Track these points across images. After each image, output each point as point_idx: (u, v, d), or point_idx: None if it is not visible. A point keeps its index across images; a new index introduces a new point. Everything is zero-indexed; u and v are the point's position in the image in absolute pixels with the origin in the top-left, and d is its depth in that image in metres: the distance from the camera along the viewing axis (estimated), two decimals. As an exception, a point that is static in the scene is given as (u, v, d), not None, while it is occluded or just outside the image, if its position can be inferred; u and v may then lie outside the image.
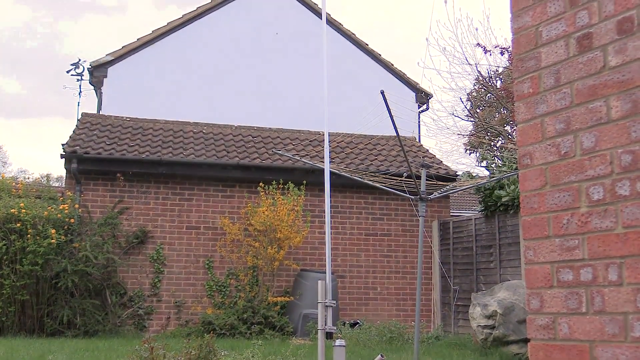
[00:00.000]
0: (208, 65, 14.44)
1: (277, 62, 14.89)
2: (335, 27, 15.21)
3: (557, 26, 2.25)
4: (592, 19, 2.14)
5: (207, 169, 11.53)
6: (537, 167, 2.26)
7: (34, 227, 9.88)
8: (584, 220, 2.08)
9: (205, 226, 11.50)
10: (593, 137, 2.08)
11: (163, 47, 14.32)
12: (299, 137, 13.38)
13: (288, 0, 15.40)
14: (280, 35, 15.10)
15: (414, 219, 11.99)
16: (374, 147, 13.31)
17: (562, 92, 2.20)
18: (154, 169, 11.33)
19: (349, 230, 12.09)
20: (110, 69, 13.88)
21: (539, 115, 2.27)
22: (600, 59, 2.10)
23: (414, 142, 14.08)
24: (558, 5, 2.26)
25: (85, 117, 12.85)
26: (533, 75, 2.32)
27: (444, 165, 12.93)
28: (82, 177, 11.14)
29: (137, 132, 12.35)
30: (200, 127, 13.11)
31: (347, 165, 11.88)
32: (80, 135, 11.72)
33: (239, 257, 11.23)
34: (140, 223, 11.23)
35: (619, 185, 1.98)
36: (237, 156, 11.80)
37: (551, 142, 2.22)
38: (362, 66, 15.43)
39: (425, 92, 15.73)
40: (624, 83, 2.01)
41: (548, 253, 2.18)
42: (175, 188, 11.51)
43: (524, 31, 2.38)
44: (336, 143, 12.72)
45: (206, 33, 14.67)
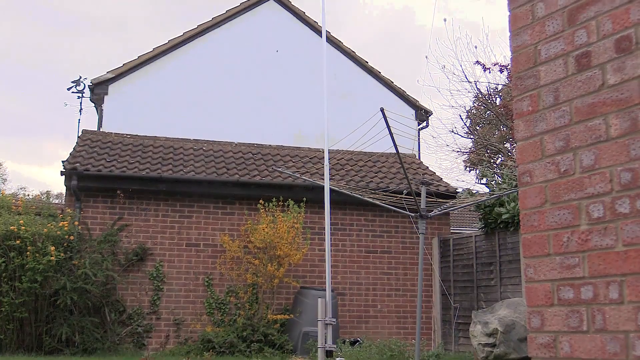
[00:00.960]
0: (208, 82, 14.49)
1: (277, 79, 14.94)
2: (335, 44, 15.28)
3: (555, 45, 2.27)
4: (591, 38, 2.15)
5: (207, 186, 11.53)
6: (537, 184, 2.26)
7: (34, 244, 9.86)
8: (584, 238, 2.07)
9: (205, 243, 11.48)
10: (592, 155, 2.09)
11: (164, 64, 14.38)
12: (299, 154, 13.40)
13: (288, 19, 15.48)
14: (281, 52, 15.17)
15: (414, 236, 11.98)
16: (374, 164, 13.32)
17: (562, 110, 2.21)
18: (154, 186, 11.33)
19: (349, 247, 12.07)
20: (111, 87, 13.92)
21: (539, 133, 2.28)
22: (599, 77, 2.10)
23: (413, 159, 14.10)
24: (556, 24, 2.28)
25: (86, 134, 12.87)
26: (532, 94, 2.32)
27: (443, 183, 12.93)
28: (82, 194, 11.14)
29: (137, 149, 12.37)
30: (200, 144, 13.13)
31: (347, 183, 11.88)
32: (81, 153, 11.74)
33: (238, 275, 11.20)
34: (140, 240, 11.22)
35: (619, 203, 1.98)
36: (237, 173, 11.80)
37: (551, 160, 2.22)
38: (362, 83, 15.49)
39: (425, 109, 15.78)
40: (622, 101, 2.02)
41: (548, 271, 2.17)
42: (175, 205, 11.51)
43: (522, 50, 2.39)
44: (336, 160, 12.74)
45: (207, 51, 14.73)
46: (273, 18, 15.40)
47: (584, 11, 2.19)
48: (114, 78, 13.90)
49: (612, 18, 2.09)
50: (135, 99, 13.99)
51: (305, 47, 15.14)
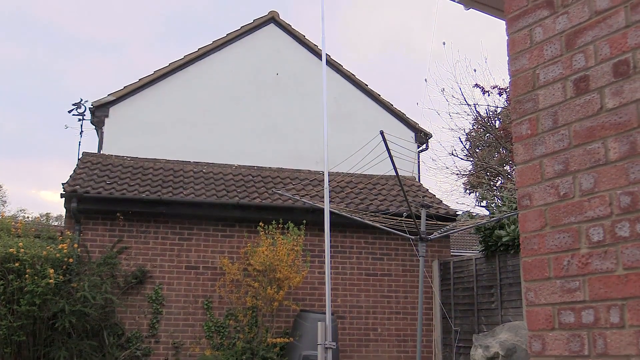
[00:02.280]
0: (209, 105, 14.55)
1: (277, 102, 15.00)
2: (335, 68, 15.37)
3: (554, 69, 2.28)
4: (589, 62, 2.17)
5: (206, 208, 11.53)
6: (537, 208, 2.26)
7: (33, 266, 9.82)
8: (584, 261, 2.07)
9: (204, 266, 11.45)
10: (592, 178, 2.09)
11: (164, 87, 14.45)
12: (299, 176, 13.41)
13: (288, 42, 15.58)
14: (281, 75, 15.25)
15: (415, 258, 11.94)
16: (373, 186, 13.33)
17: (560, 134, 2.22)
18: (153, 208, 11.32)
19: (349, 270, 12.03)
20: (112, 109, 13.97)
21: (538, 157, 2.28)
22: (597, 101, 2.12)
23: (413, 181, 14.11)
24: (554, 49, 2.30)
25: (86, 156, 12.90)
26: (531, 117, 2.34)
27: (443, 205, 12.92)
28: (82, 216, 11.13)
29: (138, 171, 12.39)
30: (200, 166, 13.15)
31: (347, 205, 11.88)
32: (81, 175, 11.75)
33: (238, 298, 11.14)
34: (139, 263, 11.18)
35: (619, 226, 1.98)
36: (237, 196, 11.80)
37: (550, 183, 2.23)
38: (362, 106, 15.54)
39: (425, 132, 15.82)
40: (621, 125, 2.03)
41: (549, 295, 2.17)
42: (175, 227, 11.49)
43: (521, 73, 2.41)
44: (336, 182, 12.74)
45: (207, 74, 14.81)
46: (273, 41, 15.50)
47: (582, 36, 2.21)
48: (115, 100, 13.95)
49: (609, 42, 2.11)
50: (135, 121, 14.04)
51: (306, 70, 15.23)
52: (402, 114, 15.70)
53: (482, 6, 2.88)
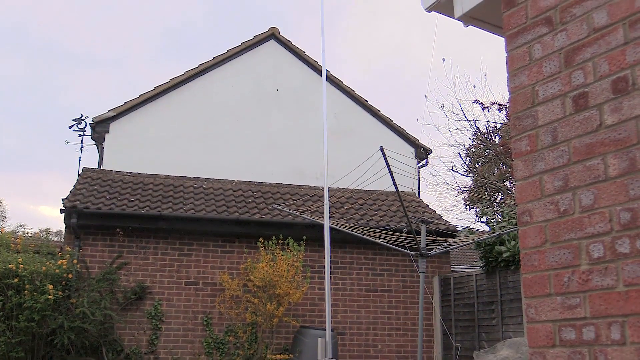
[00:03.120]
0: (209, 120, 14.59)
1: (277, 117, 15.05)
2: (335, 83, 15.42)
3: (553, 85, 2.29)
4: (588, 79, 2.18)
5: (206, 224, 11.51)
6: (537, 224, 2.26)
7: (32, 282, 9.79)
8: (584, 278, 2.07)
9: (204, 282, 11.41)
10: (592, 194, 2.09)
11: (165, 102, 14.49)
12: (299, 192, 13.41)
13: (288, 58, 15.65)
14: (281, 91, 15.30)
15: (415, 274, 11.91)
16: (373, 202, 13.32)
17: (560, 150, 2.22)
18: (153, 224, 11.31)
19: (349, 286, 11.99)
20: (112, 125, 14.00)
21: (538, 173, 2.29)
22: (596, 118, 2.12)
23: (413, 197, 14.10)
24: (553, 65, 2.31)
25: (86, 172, 12.91)
26: (530, 134, 2.34)
27: (443, 221, 12.91)
28: (82, 232, 11.12)
29: (138, 187, 12.39)
30: (200, 182, 13.16)
31: (347, 221, 11.87)
32: (81, 190, 11.75)
33: (237, 314, 11.10)
34: (139, 279, 11.15)
35: (619, 243, 1.98)
36: (237, 211, 11.80)
37: (550, 200, 2.23)
38: (362, 122, 15.58)
39: (425, 147, 15.84)
40: (620, 141, 2.03)
41: (550, 311, 2.16)
42: (175, 243, 11.47)
43: (520, 90, 2.42)
44: (336, 198, 12.74)
45: (208, 89, 14.86)
46: (273, 57, 15.57)
47: (581, 53, 2.22)
48: (116, 116, 13.99)
49: (608, 59, 2.12)
50: (136, 136, 14.07)
51: (306, 86, 15.29)
52: (402, 129, 15.74)
53: (481, 23, 2.89)
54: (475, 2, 2.75)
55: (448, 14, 2.92)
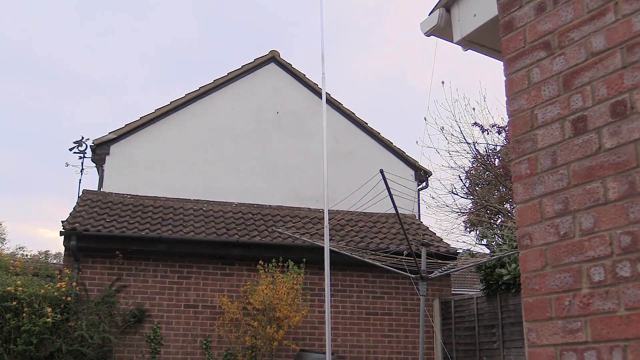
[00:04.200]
0: (209, 143, 14.62)
1: (277, 140, 15.09)
2: (335, 106, 15.48)
3: (552, 109, 2.30)
4: (586, 102, 2.19)
5: (206, 246, 11.49)
6: (537, 247, 2.25)
7: (30, 305, 9.75)
8: (585, 302, 2.06)
9: (203, 304, 11.35)
10: (592, 218, 2.09)
11: (165, 125, 14.54)
12: (299, 214, 13.40)
13: (289, 81, 15.74)
14: (281, 114, 15.36)
15: (415, 297, 11.86)
16: (373, 224, 13.30)
17: (560, 174, 2.22)
18: (153, 246, 11.28)
19: (349, 309, 11.93)
20: (113, 147, 14.04)
21: (537, 196, 2.29)
22: (595, 141, 2.13)
23: (413, 220, 14.09)
24: (552, 89, 2.32)
25: (86, 194, 12.91)
26: (530, 157, 2.35)
27: (444, 244, 12.88)
28: (81, 254, 11.08)
29: (138, 209, 12.38)
30: (200, 204, 13.15)
31: (347, 243, 11.84)
32: (81, 213, 11.74)
33: (237, 337, 11.02)
34: (138, 301, 11.09)
35: (620, 266, 1.97)
36: (237, 234, 11.77)
37: (550, 223, 2.22)
38: (362, 144, 15.62)
39: (425, 170, 15.86)
40: (620, 165, 2.04)
41: (551, 335, 2.15)
42: (174, 266, 11.43)
43: (519, 113, 2.43)
44: (336, 221, 12.72)
45: (208, 112, 14.92)
46: (274, 80, 15.66)
47: (579, 76, 2.23)
48: (116, 138, 14.02)
49: (606, 83, 2.14)
50: (136, 159, 14.09)
51: (306, 109, 15.35)
52: (402, 152, 15.77)
53: (480, 47, 2.91)
54: (474, 26, 2.77)
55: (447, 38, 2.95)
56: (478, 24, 2.75)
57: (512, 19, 2.54)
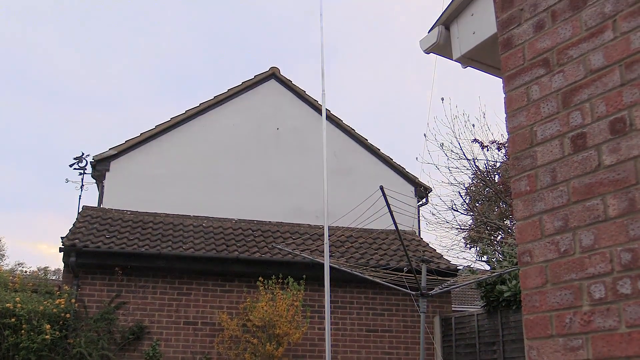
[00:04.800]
0: (209, 159, 14.64)
1: (277, 156, 15.11)
2: (335, 122, 15.52)
3: (551, 126, 2.31)
4: (585, 119, 2.19)
5: (206, 263, 11.46)
6: (537, 264, 2.25)
7: (29, 322, 9.71)
8: (586, 319, 2.05)
9: (203, 321, 11.30)
10: (592, 235, 2.09)
11: (165, 141, 14.57)
12: (299, 230, 13.38)
13: (289, 97, 15.79)
14: (281, 130, 15.40)
15: (416, 314, 11.81)
16: (373, 241, 13.28)
17: (559, 190, 2.22)
18: (152, 262, 11.25)
19: (349, 326, 11.87)
20: (113, 163, 14.06)
21: (537, 213, 2.29)
22: (595, 158, 2.13)
23: (414, 236, 14.06)
24: (551, 106, 2.33)
25: (86, 210, 12.90)
26: (530, 174, 2.35)
27: (444, 260, 12.85)
28: (80, 270, 11.05)
29: (137, 225, 12.37)
30: (200, 220, 13.14)
31: (347, 260, 11.81)
32: (80, 229, 11.72)
33: (236, 354, 10.96)
34: (137, 318, 11.05)
35: (620, 283, 1.97)
36: (236, 250, 11.75)
37: (550, 240, 2.22)
38: (362, 161, 15.64)
39: (425, 186, 15.86)
40: (619, 182, 2.04)
41: (552, 353, 2.14)
42: (174, 282, 11.40)
43: (519, 130, 2.44)
44: (336, 237, 12.70)
45: (208, 128, 14.95)
46: (274, 97, 15.71)
47: (578, 94, 2.24)
48: (117, 154, 14.04)
49: (605, 100, 2.14)
50: (136, 175, 14.10)
51: (306, 125, 15.39)
52: (402, 168, 15.78)
53: (479, 64, 2.93)
54: (473, 44, 2.78)
55: (446, 56, 2.96)
56: (477, 42, 2.76)
57: (511, 37, 2.56)
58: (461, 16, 2.86)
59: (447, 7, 2.89)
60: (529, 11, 2.50)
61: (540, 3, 2.46)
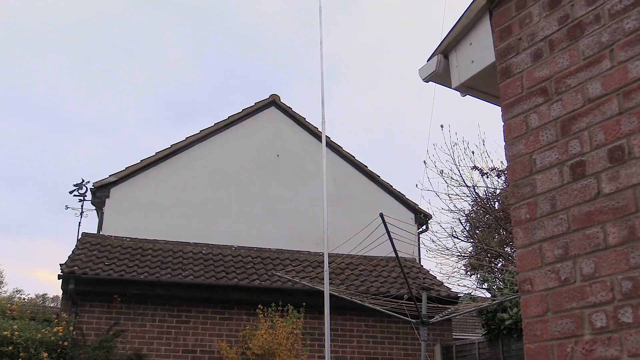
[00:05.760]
0: (209, 186, 14.66)
1: (277, 183, 15.12)
2: (335, 149, 15.57)
3: (550, 154, 2.32)
4: (584, 148, 2.20)
5: (205, 290, 11.39)
6: (538, 293, 2.24)
7: (27, 350, 9.62)
8: (588, 348, 2.03)
9: (202, 349, 11.20)
10: (592, 263, 2.08)
11: (166, 168, 14.59)
12: (299, 258, 13.33)
13: (289, 124, 15.86)
14: (281, 157, 15.44)
15: (416, 342, 11.71)
16: (374, 268, 13.23)
17: (559, 218, 2.22)
18: (151, 290, 11.19)
19: (349, 354, 11.77)
20: (113, 190, 14.06)
21: (537, 241, 2.28)
22: (594, 186, 2.14)
23: (414, 263, 14.01)
24: (550, 134, 2.34)
25: (86, 237, 12.86)
26: (529, 202, 2.35)
27: (444, 288, 12.79)
28: (79, 298, 10.98)
29: (137, 252, 12.33)
30: (200, 247, 13.10)
31: (347, 287, 11.75)
32: (79, 256, 11.68)
33: (235, 383, 10.85)
34: (136, 346, 10.95)
35: (622, 312, 1.96)
36: (236, 277, 11.70)
37: (551, 268, 2.21)
38: (362, 187, 15.65)
39: (425, 213, 15.85)
40: (619, 210, 2.04)
41: (554, 383, 2.12)
42: (173, 310, 11.32)
43: (518, 158, 2.44)
44: (336, 264, 12.65)
45: (208, 155, 14.99)
46: (274, 124, 15.77)
47: (577, 122, 2.25)
48: (117, 181, 14.05)
49: (604, 129, 2.15)
50: (136, 202, 14.09)
51: (306, 152, 15.43)
52: (402, 195, 15.78)
53: (478, 93, 2.95)
54: (472, 72, 2.81)
55: (445, 84, 2.98)
56: (476, 70, 2.78)
57: (510, 66, 2.58)
58: (460, 45, 2.89)
59: (446, 37, 2.91)
60: (526, 40, 2.53)
61: (537, 32, 2.48)
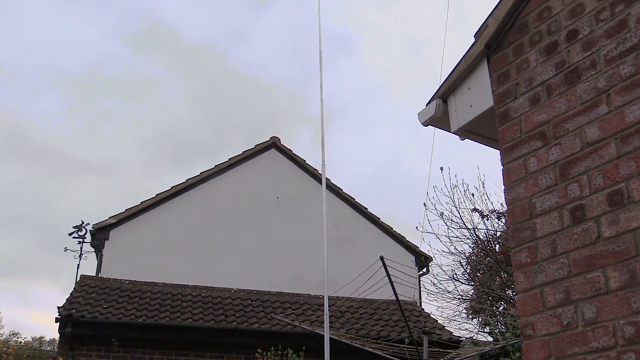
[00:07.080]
0: (209, 228, 14.63)
1: (277, 225, 15.09)
2: (335, 192, 15.58)
3: (549, 198, 2.32)
4: (583, 191, 2.21)
5: (204, 333, 11.27)
6: (540, 338, 2.22)
7: (21, 395, 9.48)
8: (592, 395, 2.01)
9: (199, 395, 11.02)
10: (594, 307, 2.07)
11: (166, 210, 14.59)
12: (299, 300, 13.22)
13: (289, 166, 15.91)
14: (281, 199, 15.44)
15: (417, 387, 11.52)
16: (374, 311, 13.10)
17: (560, 262, 2.22)
18: (150, 333, 11.06)
19: (349, 399, 11.56)
20: (112, 232, 14.03)
21: (538, 285, 2.27)
22: (594, 230, 2.14)
23: (415, 306, 13.89)
24: (549, 178, 2.34)
25: (84, 279, 12.78)
26: (530, 245, 2.35)
27: (446, 331, 12.65)
28: (76, 341, 10.85)
29: (136, 295, 12.23)
30: (199, 290, 13.00)
31: (348, 331, 11.63)
32: (78, 298, 11.59)
33: None
34: (132, 391, 10.78)
35: (625, 358, 1.94)
36: (235, 320, 11.58)
37: (552, 313, 2.20)
38: (362, 230, 15.62)
39: (425, 255, 15.77)
40: (619, 254, 2.03)
41: None
42: (171, 354, 11.17)
43: (518, 202, 2.45)
44: (336, 307, 12.54)
45: (208, 197, 15.00)
46: (274, 166, 15.83)
47: (575, 166, 2.26)
48: (116, 223, 14.03)
49: (602, 173, 2.16)
50: (136, 244, 14.05)
51: (306, 194, 15.44)
52: (402, 237, 15.74)
53: (476, 136, 2.97)
54: (470, 117, 2.83)
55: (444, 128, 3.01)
56: (474, 115, 2.81)
57: (508, 110, 2.60)
58: (458, 90, 2.92)
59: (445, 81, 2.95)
60: (524, 85, 2.56)
61: (535, 77, 2.52)
